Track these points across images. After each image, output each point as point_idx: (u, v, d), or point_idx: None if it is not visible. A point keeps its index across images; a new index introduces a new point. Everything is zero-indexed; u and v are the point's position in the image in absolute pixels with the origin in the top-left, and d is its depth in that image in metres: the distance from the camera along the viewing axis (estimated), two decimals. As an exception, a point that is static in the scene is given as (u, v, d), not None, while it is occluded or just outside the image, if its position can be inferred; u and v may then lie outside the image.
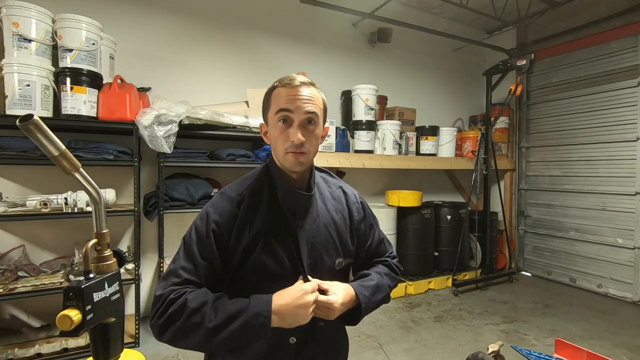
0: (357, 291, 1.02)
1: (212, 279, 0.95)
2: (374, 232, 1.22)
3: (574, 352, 1.77)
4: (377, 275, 1.12)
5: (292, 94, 0.96)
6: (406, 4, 4.58)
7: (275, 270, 0.98)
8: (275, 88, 1.00)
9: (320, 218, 1.06)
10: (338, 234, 1.09)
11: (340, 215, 1.12)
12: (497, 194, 4.57)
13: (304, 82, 0.99)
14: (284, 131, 0.96)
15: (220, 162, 3.08)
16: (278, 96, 0.98)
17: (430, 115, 4.84)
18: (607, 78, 4.11)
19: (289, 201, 1.02)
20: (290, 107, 0.95)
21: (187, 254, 0.94)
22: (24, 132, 0.74)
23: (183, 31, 3.43)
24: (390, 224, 4.00)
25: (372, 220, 1.23)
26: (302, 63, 3.98)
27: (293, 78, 0.99)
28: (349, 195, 1.18)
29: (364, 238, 1.18)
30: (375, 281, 1.09)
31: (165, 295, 0.88)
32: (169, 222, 2.99)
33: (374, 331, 3.07)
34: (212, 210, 0.99)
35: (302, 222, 1.02)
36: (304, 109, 0.96)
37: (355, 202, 1.18)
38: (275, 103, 0.98)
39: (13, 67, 2.33)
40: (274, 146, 1.00)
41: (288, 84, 0.97)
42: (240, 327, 0.84)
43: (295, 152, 0.96)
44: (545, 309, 3.65)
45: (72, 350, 2.49)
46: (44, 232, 2.87)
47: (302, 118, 0.96)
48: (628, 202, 3.92)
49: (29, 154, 2.40)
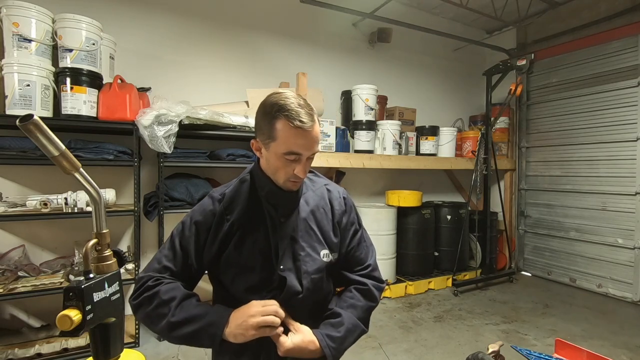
0: (323, 345, 0.99)
1: (186, 269, 1.05)
2: (357, 232, 1.19)
3: (574, 352, 1.77)
4: (348, 315, 1.07)
5: (304, 138, 0.95)
6: (406, 4, 4.58)
7: (248, 263, 1.04)
8: (280, 119, 0.94)
9: (301, 213, 1.10)
10: (319, 227, 1.11)
11: (322, 211, 1.13)
12: (497, 194, 4.57)
13: (312, 120, 0.96)
14: (289, 165, 0.99)
15: (220, 162, 3.08)
16: (287, 135, 0.94)
17: (430, 115, 4.84)
18: (607, 78, 4.11)
19: (272, 199, 1.07)
20: (302, 151, 0.97)
21: (170, 244, 1.07)
22: (24, 132, 0.74)
23: (183, 31, 3.44)
24: (390, 224, 4.00)
25: (356, 218, 1.20)
26: (302, 63, 3.98)
27: (305, 117, 0.94)
28: (332, 192, 1.19)
29: (345, 234, 1.15)
30: (345, 325, 1.05)
31: (144, 280, 1.00)
32: (169, 222, 2.98)
33: (374, 331, 3.07)
34: (197, 209, 1.10)
35: (284, 219, 1.07)
36: (313, 151, 1.00)
37: (337, 197, 1.18)
38: (284, 141, 0.95)
39: (13, 67, 2.33)
40: (274, 171, 1.02)
41: (300, 125, 0.93)
42: (194, 331, 0.93)
43: (294, 181, 1.02)
44: (545, 309, 3.65)
45: (72, 350, 2.49)
46: (44, 232, 2.87)
47: (308, 156, 1.00)
48: (628, 202, 3.92)
49: (29, 154, 2.40)
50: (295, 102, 0.96)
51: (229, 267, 1.05)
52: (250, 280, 1.03)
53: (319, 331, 1.02)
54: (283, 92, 0.99)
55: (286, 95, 0.98)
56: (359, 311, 1.10)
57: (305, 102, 0.99)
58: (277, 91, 1.00)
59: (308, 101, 1.00)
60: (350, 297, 1.12)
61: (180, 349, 2.73)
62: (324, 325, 1.06)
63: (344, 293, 1.14)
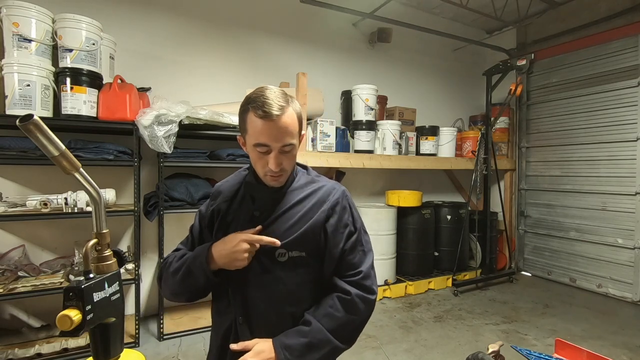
0: (281, 356, 0.97)
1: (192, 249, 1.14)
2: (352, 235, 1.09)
3: (574, 352, 1.77)
4: (316, 326, 1.00)
5: (269, 129, 0.95)
6: (406, 4, 4.58)
7: None
8: (249, 111, 0.96)
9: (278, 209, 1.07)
10: (290, 226, 1.04)
11: (300, 208, 1.06)
12: (497, 194, 4.57)
13: (280, 110, 0.94)
14: (262, 158, 1.00)
15: (220, 162, 3.08)
16: (254, 126, 0.96)
17: (430, 115, 4.84)
18: (607, 78, 4.11)
19: (250, 190, 1.11)
20: (268, 142, 0.96)
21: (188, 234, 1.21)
22: (24, 132, 0.74)
23: (183, 31, 3.44)
24: (390, 224, 4.00)
25: (352, 221, 1.11)
26: (302, 63, 3.98)
27: (269, 106, 0.93)
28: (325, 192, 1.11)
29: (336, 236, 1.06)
30: (307, 339, 0.99)
31: (162, 263, 1.16)
32: (169, 222, 2.98)
33: (374, 331, 3.07)
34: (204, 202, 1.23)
35: (257, 212, 1.08)
36: (282, 143, 0.97)
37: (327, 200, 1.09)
38: (252, 134, 0.97)
39: (13, 67, 2.33)
40: (254, 164, 1.05)
41: (265, 115, 0.93)
42: (186, 267, 1.05)
43: (273, 175, 1.02)
44: (545, 309, 3.65)
45: (72, 350, 2.49)
46: (44, 232, 2.87)
47: (279, 149, 0.98)
48: (628, 202, 3.92)
49: (29, 154, 2.40)
50: (267, 94, 0.96)
51: None
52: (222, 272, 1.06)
53: (278, 340, 0.99)
54: (262, 87, 1.00)
55: (263, 88, 0.99)
56: (335, 324, 1.01)
57: (282, 94, 0.98)
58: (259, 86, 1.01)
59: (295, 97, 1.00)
60: (330, 305, 1.03)
61: (180, 349, 2.73)
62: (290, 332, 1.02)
63: (325, 300, 1.06)
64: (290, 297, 1.06)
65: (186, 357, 2.63)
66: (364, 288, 1.06)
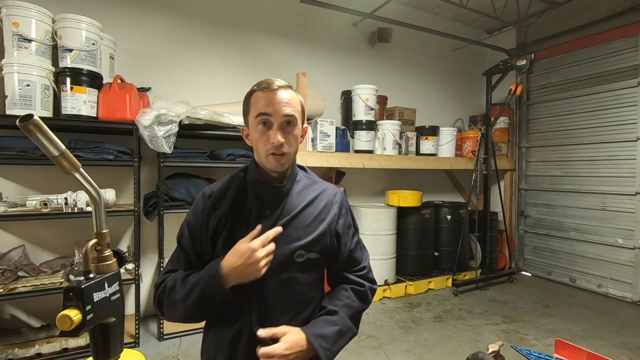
0: (316, 345, 0.99)
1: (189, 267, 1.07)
2: (355, 234, 1.19)
3: (574, 352, 1.77)
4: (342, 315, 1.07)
5: (270, 98, 1.00)
6: (406, 4, 4.58)
7: None
8: (253, 92, 1.04)
9: (291, 209, 1.08)
10: (305, 227, 1.07)
11: (312, 209, 1.10)
12: (497, 194, 4.57)
13: (282, 85, 1.02)
14: (264, 134, 1.01)
15: (220, 162, 3.08)
16: (257, 100, 1.02)
17: (430, 115, 4.84)
18: (607, 78, 4.11)
19: (257, 188, 1.07)
20: (269, 110, 0.99)
21: (176, 249, 1.11)
22: (24, 132, 0.74)
23: (183, 31, 3.44)
24: (390, 224, 4.00)
25: (352, 221, 1.20)
26: (302, 63, 3.98)
27: (271, 82, 1.02)
28: (329, 194, 1.16)
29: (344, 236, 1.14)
30: (339, 327, 1.05)
31: (156, 285, 1.07)
32: (169, 222, 2.98)
33: (374, 331, 3.07)
34: (191, 210, 1.12)
35: (269, 211, 1.06)
36: (282, 112, 1.00)
37: (334, 202, 1.15)
38: (255, 107, 1.02)
39: (13, 67, 2.33)
40: (256, 148, 1.04)
41: (266, 87, 1.01)
42: (200, 292, 0.96)
43: (276, 154, 1.01)
44: (545, 309, 3.65)
45: (72, 350, 2.49)
46: (44, 232, 2.87)
47: (280, 120, 1.00)
48: (628, 202, 3.92)
49: (29, 154, 2.40)
50: (270, 78, 1.04)
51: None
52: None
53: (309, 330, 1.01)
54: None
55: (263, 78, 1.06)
56: (352, 312, 1.10)
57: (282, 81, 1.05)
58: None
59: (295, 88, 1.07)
60: (347, 296, 1.12)
61: (180, 349, 2.73)
62: (317, 322, 1.05)
63: (339, 291, 1.14)
64: (304, 298, 1.10)
65: (186, 357, 2.63)
66: (370, 280, 1.19)
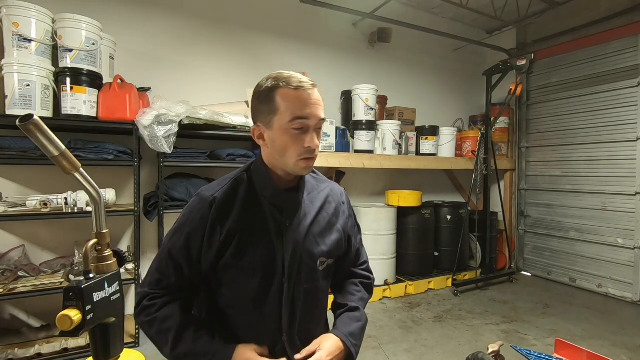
0: (349, 344, 1.02)
1: (181, 278, 0.99)
2: (358, 233, 1.23)
3: (574, 352, 1.77)
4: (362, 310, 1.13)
5: (305, 99, 0.91)
6: (406, 4, 4.58)
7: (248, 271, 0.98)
8: (279, 88, 0.91)
9: (306, 215, 1.04)
10: (321, 233, 1.06)
11: (325, 214, 1.09)
12: (497, 194, 4.57)
13: (314, 83, 0.94)
14: (298, 138, 0.92)
15: (220, 162, 3.08)
16: (290, 100, 0.90)
17: (430, 115, 4.84)
18: (607, 78, 4.10)
19: (277, 201, 1.00)
20: (306, 113, 0.91)
21: (163, 255, 0.99)
22: (24, 132, 0.74)
23: (183, 31, 3.43)
24: (390, 224, 4.00)
25: (356, 220, 1.23)
26: (302, 63, 3.97)
27: (302, 80, 0.92)
28: (335, 194, 1.16)
29: (352, 236, 1.18)
30: (362, 322, 1.10)
31: (141, 296, 0.99)
32: (169, 222, 2.98)
33: (374, 331, 3.07)
34: (187, 215, 0.99)
35: (289, 222, 1.01)
36: (319, 116, 0.93)
37: (342, 202, 1.16)
38: (288, 108, 0.90)
39: (13, 67, 2.33)
40: (282, 152, 0.94)
41: (300, 87, 0.91)
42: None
43: (308, 158, 0.95)
44: (545, 309, 3.65)
45: (72, 350, 2.49)
46: (44, 232, 2.87)
47: (316, 123, 0.94)
48: (628, 202, 3.92)
49: (29, 154, 2.40)
50: (291, 72, 0.95)
51: (224, 278, 0.99)
52: (249, 290, 0.98)
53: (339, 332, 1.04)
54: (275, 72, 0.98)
55: (278, 71, 0.97)
56: (364, 304, 1.16)
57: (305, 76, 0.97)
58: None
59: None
60: (358, 290, 1.17)
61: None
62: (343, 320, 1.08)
63: (350, 286, 1.17)
64: (324, 305, 1.14)
65: (186, 357, 2.63)
66: (372, 272, 1.25)
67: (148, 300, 0.97)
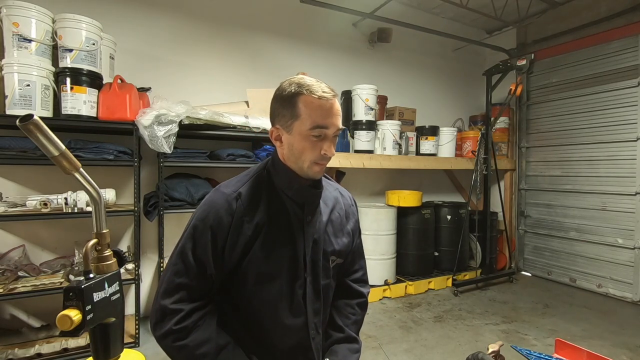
0: None
1: (204, 281, 0.96)
2: (359, 236, 1.25)
3: (574, 352, 1.77)
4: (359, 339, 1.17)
5: (327, 109, 0.94)
6: (406, 4, 4.58)
7: (274, 270, 0.99)
8: (302, 95, 0.93)
9: (323, 215, 1.09)
10: (334, 232, 1.11)
11: (337, 215, 1.14)
12: (497, 194, 4.57)
13: (335, 93, 0.97)
14: (315, 144, 0.95)
15: (220, 162, 3.08)
16: (312, 108, 0.92)
17: (430, 115, 4.84)
18: (607, 78, 4.10)
19: (300, 196, 1.03)
20: (327, 122, 0.94)
21: (181, 256, 0.95)
22: (24, 132, 0.74)
23: (183, 31, 3.43)
24: (390, 224, 4.00)
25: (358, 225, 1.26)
26: (302, 63, 3.98)
27: (324, 89, 0.94)
28: (345, 197, 1.21)
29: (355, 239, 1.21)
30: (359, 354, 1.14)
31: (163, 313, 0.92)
32: (169, 222, 2.98)
33: (374, 331, 3.07)
34: (208, 210, 0.96)
35: (309, 218, 1.04)
36: (337, 126, 0.97)
37: (351, 205, 1.21)
38: (310, 116, 0.92)
39: (13, 67, 2.33)
40: (298, 155, 0.97)
41: (323, 96, 0.93)
42: None
43: (321, 163, 0.98)
44: (545, 309, 3.65)
45: (72, 350, 2.49)
46: (44, 232, 2.87)
47: (334, 132, 0.97)
48: (628, 202, 3.92)
49: (29, 154, 2.40)
50: (313, 80, 0.97)
51: (250, 275, 0.98)
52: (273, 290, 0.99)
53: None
54: (297, 76, 0.99)
55: (300, 76, 0.99)
56: (359, 326, 1.20)
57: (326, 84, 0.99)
58: (288, 78, 1.00)
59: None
60: (353, 313, 1.19)
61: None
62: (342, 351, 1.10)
63: (346, 308, 1.19)
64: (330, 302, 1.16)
65: (186, 357, 2.63)
66: (366, 282, 1.25)
67: (175, 324, 0.91)
